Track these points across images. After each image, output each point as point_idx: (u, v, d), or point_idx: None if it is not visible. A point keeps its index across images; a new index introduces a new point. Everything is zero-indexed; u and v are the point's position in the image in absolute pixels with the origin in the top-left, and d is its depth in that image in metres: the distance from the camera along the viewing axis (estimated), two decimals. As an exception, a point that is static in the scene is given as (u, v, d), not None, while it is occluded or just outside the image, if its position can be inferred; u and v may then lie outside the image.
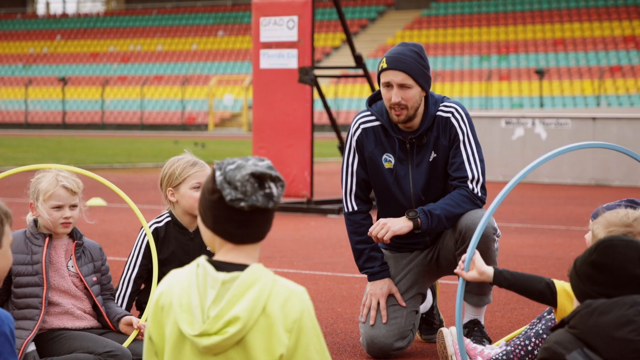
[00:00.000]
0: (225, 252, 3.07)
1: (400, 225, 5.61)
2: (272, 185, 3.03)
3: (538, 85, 52.57)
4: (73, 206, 5.15)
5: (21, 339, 5.01)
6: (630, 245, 3.30)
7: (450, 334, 5.22)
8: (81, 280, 5.18)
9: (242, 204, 3.01)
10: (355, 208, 5.85)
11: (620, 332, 3.16)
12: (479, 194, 5.68)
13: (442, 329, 5.28)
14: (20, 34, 73.60)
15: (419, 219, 5.59)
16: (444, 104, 5.76)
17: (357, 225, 5.84)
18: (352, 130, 5.84)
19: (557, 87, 53.21)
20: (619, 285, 3.26)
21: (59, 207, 5.11)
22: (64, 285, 5.15)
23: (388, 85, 5.65)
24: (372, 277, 5.84)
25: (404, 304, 5.80)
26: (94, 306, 5.25)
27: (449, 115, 5.73)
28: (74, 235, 5.24)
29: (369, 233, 5.67)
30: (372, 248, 5.83)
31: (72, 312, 5.15)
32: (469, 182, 5.67)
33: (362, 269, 5.88)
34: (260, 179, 3.03)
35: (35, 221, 5.20)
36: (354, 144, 5.82)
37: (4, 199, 3.32)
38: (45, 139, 43.33)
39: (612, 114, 20.61)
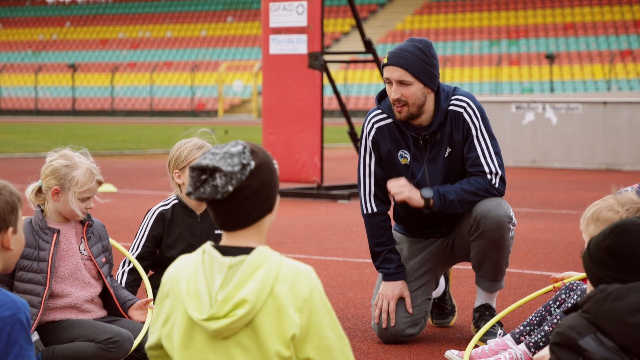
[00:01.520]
0: (228, 237, 3.07)
1: (416, 198, 5.58)
2: (217, 175, 2.99)
3: (548, 70, 52.44)
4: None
5: None
6: None
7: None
8: (93, 264, 5.13)
9: (192, 197, 3.02)
10: (375, 209, 5.81)
11: (634, 318, 3.13)
12: (497, 186, 5.65)
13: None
14: (29, 21, 73.65)
15: (431, 200, 5.58)
16: (456, 97, 5.68)
17: (377, 228, 5.81)
18: (366, 130, 5.78)
19: (568, 71, 53.06)
20: (634, 271, 3.21)
21: (87, 199, 5.05)
22: (76, 274, 5.08)
23: (389, 81, 5.62)
24: (387, 278, 5.83)
25: (411, 310, 5.78)
26: (103, 291, 5.21)
27: (462, 110, 5.65)
28: None
29: (387, 186, 5.63)
30: (389, 250, 5.82)
31: (78, 307, 5.09)
32: (487, 175, 5.65)
33: (378, 269, 5.88)
34: (200, 170, 3.01)
35: (41, 209, 5.09)
36: (369, 144, 5.77)
37: (15, 185, 3.31)
38: (56, 125, 43.39)
39: (623, 99, 20.53)
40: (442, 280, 6.27)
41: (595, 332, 3.17)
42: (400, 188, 5.57)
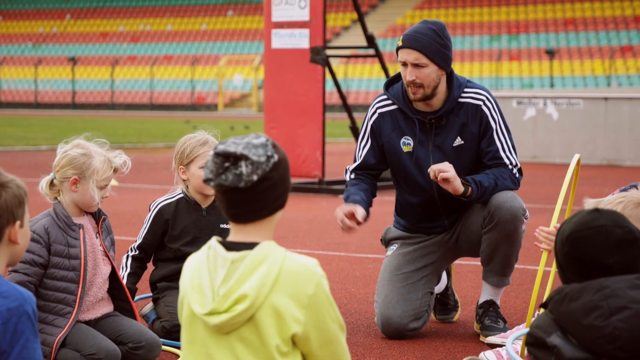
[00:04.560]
0: (235, 232, 3.06)
1: (459, 180, 5.50)
2: (243, 164, 2.98)
3: (548, 66, 52.41)
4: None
5: (51, 335, 4.88)
6: (600, 232, 3.24)
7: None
8: (108, 258, 5.10)
9: (211, 183, 2.99)
10: (353, 176, 5.81)
11: (587, 319, 3.16)
12: (517, 175, 5.71)
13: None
14: (29, 13, 73.58)
15: (470, 188, 5.56)
16: (473, 89, 5.70)
17: (355, 182, 5.75)
18: (369, 114, 5.81)
19: (568, 67, 53.04)
20: (595, 272, 3.26)
21: (104, 187, 5.02)
22: (95, 270, 5.03)
23: (404, 63, 5.64)
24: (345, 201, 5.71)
25: (359, 218, 5.52)
26: (112, 284, 5.17)
27: (480, 103, 5.68)
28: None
29: (429, 170, 5.51)
30: (360, 191, 5.69)
31: (92, 307, 5.08)
32: (508, 166, 5.69)
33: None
34: (225, 157, 2.99)
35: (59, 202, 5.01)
36: (369, 128, 5.79)
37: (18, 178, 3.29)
38: (56, 118, 43.37)
39: (624, 94, 20.51)
40: (444, 276, 6.25)
41: (560, 330, 3.24)
42: (447, 167, 5.49)
